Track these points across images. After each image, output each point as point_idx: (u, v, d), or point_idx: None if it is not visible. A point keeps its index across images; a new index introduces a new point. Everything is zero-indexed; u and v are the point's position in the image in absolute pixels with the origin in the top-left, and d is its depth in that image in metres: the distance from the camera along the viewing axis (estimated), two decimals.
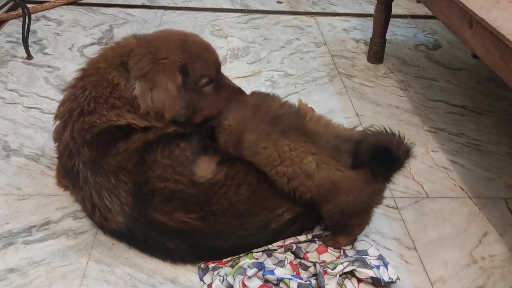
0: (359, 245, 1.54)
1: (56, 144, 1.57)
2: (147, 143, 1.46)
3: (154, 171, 1.43)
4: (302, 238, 1.54)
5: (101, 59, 1.55)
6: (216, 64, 1.59)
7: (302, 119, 1.46)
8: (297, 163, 1.39)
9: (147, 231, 1.44)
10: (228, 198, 1.44)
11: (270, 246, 1.50)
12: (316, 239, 1.56)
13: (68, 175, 1.57)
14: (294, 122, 1.44)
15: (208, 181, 1.45)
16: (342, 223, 1.49)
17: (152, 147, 1.46)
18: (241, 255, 1.49)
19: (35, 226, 1.60)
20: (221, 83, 1.61)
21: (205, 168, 1.48)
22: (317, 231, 1.57)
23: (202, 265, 1.47)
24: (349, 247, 1.54)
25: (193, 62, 1.51)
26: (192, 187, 1.43)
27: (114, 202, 1.43)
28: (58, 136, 1.54)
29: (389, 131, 1.35)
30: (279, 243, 1.51)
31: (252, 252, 1.49)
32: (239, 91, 1.63)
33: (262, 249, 1.50)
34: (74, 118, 1.48)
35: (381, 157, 1.34)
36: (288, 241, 1.52)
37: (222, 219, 1.43)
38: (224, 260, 1.49)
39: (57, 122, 1.56)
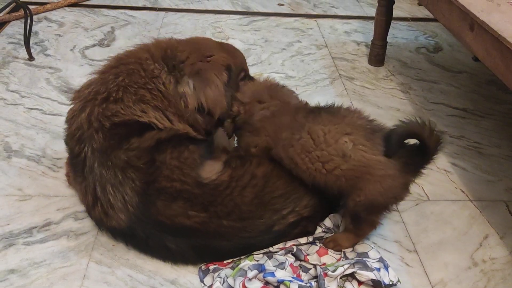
0: (360, 247, 1.54)
1: (67, 125, 1.53)
2: (159, 142, 1.45)
3: (162, 172, 1.43)
4: (303, 240, 1.54)
5: (142, 50, 1.53)
6: (245, 62, 1.69)
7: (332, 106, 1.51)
8: (333, 144, 1.38)
9: (149, 231, 1.43)
10: (232, 199, 1.44)
11: (271, 249, 1.50)
12: (317, 241, 1.56)
13: (72, 161, 1.53)
14: (324, 108, 1.49)
15: (212, 182, 1.46)
16: (361, 218, 1.46)
17: (163, 146, 1.45)
18: (242, 257, 1.49)
19: (35, 227, 1.60)
20: (250, 77, 1.69)
21: (210, 170, 1.49)
22: (318, 234, 1.57)
23: (203, 267, 1.47)
24: (350, 249, 1.54)
25: (233, 59, 1.58)
26: (198, 188, 1.44)
27: (117, 199, 1.41)
28: (72, 117, 1.49)
29: (419, 120, 1.35)
30: (280, 245, 1.51)
31: (252, 254, 1.49)
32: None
33: (263, 251, 1.50)
34: (98, 101, 1.44)
35: (413, 146, 1.37)
36: (289, 243, 1.52)
37: (225, 222, 1.43)
38: (225, 262, 1.49)
39: (75, 104, 1.51)
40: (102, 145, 1.42)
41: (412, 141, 1.41)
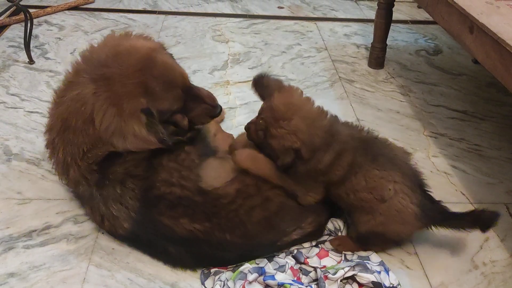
0: (361, 251, 1.54)
1: (63, 177, 1.56)
2: (154, 150, 1.46)
3: (159, 175, 1.44)
4: (306, 244, 1.55)
5: (73, 112, 1.45)
6: (184, 91, 1.50)
7: (384, 142, 1.52)
8: (379, 189, 1.43)
9: (151, 236, 1.45)
10: (238, 216, 1.43)
11: None
12: (319, 244, 1.56)
13: (76, 196, 1.62)
14: (380, 146, 1.50)
15: (215, 191, 1.45)
16: (369, 241, 1.52)
17: (158, 152, 1.47)
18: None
19: (35, 230, 1.60)
20: (191, 104, 1.54)
21: (213, 175, 1.49)
22: (321, 238, 1.57)
23: (205, 270, 1.47)
24: (350, 252, 1.54)
25: (159, 104, 1.44)
26: (199, 195, 1.44)
27: (120, 210, 1.45)
28: (63, 172, 1.54)
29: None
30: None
31: (253, 260, 1.49)
32: (211, 106, 1.58)
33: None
34: (78, 159, 1.47)
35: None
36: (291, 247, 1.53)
37: (228, 236, 1.43)
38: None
39: (59, 164, 1.53)
40: (97, 177, 1.47)
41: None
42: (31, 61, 2.54)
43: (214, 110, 1.59)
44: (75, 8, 3.22)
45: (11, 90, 2.32)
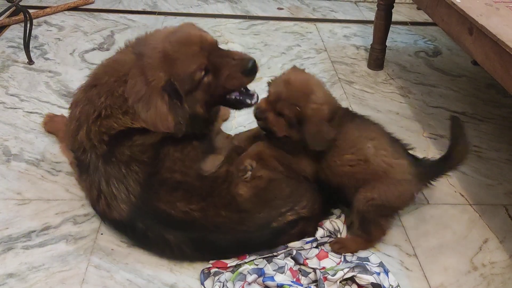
0: (361, 252, 1.54)
1: (71, 141, 1.59)
2: (163, 138, 1.51)
3: (164, 163, 1.49)
4: (307, 246, 1.54)
5: (110, 71, 1.58)
6: (203, 51, 1.50)
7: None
8: (359, 148, 1.47)
9: (149, 222, 1.45)
10: (229, 192, 1.48)
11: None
12: (320, 246, 1.56)
13: (77, 164, 1.59)
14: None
15: (212, 175, 1.51)
16: (370, 220, 1.50)
17: (167, 141, 1.51)
18: (242, 261, 1.48)
19: (34, 231, 1.60)
20: (219, 66, 1.51)
21: (211, 164, 1.55)
22: (323, 239, 1.57)
23: (205, 270, 1.47)
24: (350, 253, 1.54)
25: (175, 69, 1.48)
26: (198, 180, 1.49)
27: (121, 190, 1.46)
28: (73, 136, 1.56)
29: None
30: (282, 247, 1.52)
31: (253, 260, 1.49)
32: (241, 62, 1.53)
33: (263, 256, 1.50)
34: (90, 120, 1.52)
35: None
36: (291, 245, 1.53)
37: (223, 212, 1.45)
38: (225, 261, 1.48)
39: (70, 124, 1.58)
40: (105, 150, 1.50)
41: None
42: (30, 62, 2.54)
43: (245, 63, 1.52)
44: (75, 8, 3.22)
45: (11, 91, 2.32)
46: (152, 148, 1.50)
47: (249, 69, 1.52)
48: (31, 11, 2.68)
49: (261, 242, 1.49)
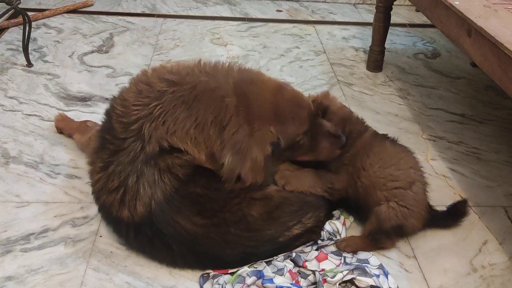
0: (361, 254, 1.54)
1: (122, 108, 1.50)
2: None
3: (194, 179, 1.46)
4: (307, 249, 1.55)
5: (209, 101, 1.47)
6: (309, 117, 1.55)
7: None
8: (406, 171, 1.58)
9: (159, 230, 1.43)
10: (241, 209, 1.46)
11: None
12: (320, 248, 1.55)
13: (106, 137, 1.51)
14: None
15: (226, 188, 1.48)
16: (385, 232, 1.55)
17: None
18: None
19: (33, 233, 1.59)
20: (317, 132, 1.57)
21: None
22: (323, 242, 1.57)
23: (204, 274, 1.47)
24: (350, 255, 1.54)
25: (286, 128, 1.50)
26: (215, 191, 1.47)
27: (146, 193, 1.43)
28: (138, 107, 1.48)
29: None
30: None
31: (252, 264, 1.49)
32: (336, 137, 1.58)
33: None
34: (160, 124, 1.46)
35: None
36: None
37: (232, 229, 1.44)
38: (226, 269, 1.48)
39: (147, 99, 1.48)
40: (155, 151, 1.45)
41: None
42: (29, 64, 2.54)
43: (339, 142, 1.57)
44: (74, 11, 3.22)
45: (9, 93, 2.32)
46: (191, 167, 1.46)
47: (342, 145, 1.59)
48: (30, 13, 2.68)
49: (264, 256, 1.49)
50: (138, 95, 1.50)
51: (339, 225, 1.61)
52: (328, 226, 1.60)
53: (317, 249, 1.55)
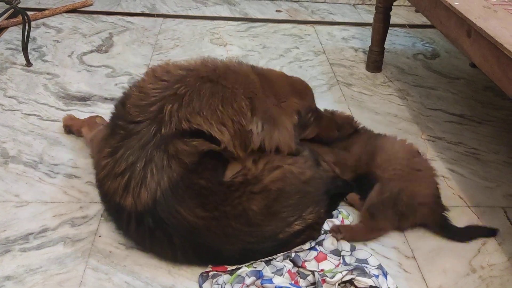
0: (360, 254, 1.54)
1: (137, 90, 1.53)
2: (211, 150, 1.49)
3: (198, 169, 1.46)
4: (306, 246, 1.54)
5: (233, 79, 1.55)
6: (313, 99, 1.79)
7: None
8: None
9: (161, 221, 1.42)
10: (241, 203, 1.46)
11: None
12: (317, 246, 1.55)
13: (118, 123, 1.52)
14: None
15: (227, 182, 1.50)
16: (383, 209, 1.60)
17: (212, 154, 1.49)
18: (241, 265, 1.48)
19: (32, 233, 1.59)
20: (318, 113, 1.81)
21: (230, 172, 1.54)
22: (319, 238, 1.57)
23: (204, 273, 1.47)
24: (349, 253, 1.54)
25: (303, 102, 1.70)
26: (218, 185, 1.48)
27: (154, 180, 1.41)
28: (158, 91, 1.50)
29: None
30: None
31: (251, 263, 1.49)
32: (334, 121, 1.84)
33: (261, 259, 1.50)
34: (188, 107, 1.48)
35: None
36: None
37: (233, 223, 1.44)
38: (225, 266, 1.48)
39: (167, 83, 1.52)
40: (168, 133, 1.45)
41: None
42: (28, 64, 2.54)
43: (335, 123, 1.84)
44: (73, 10, 3.22)
45: (9, 93, 2.32)
46: (198, 155, 1.46)
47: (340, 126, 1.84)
48: (29, 13, 2.67)
49: (265, 253, 1.49)
50: (157, 79, 1.53)
51: (338, 223, 1.61)
52: (325, 225, 1.60)
53: (314, 247, 1.54)
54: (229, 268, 1.47)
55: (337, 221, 1.62)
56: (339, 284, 1.42)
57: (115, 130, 1.50)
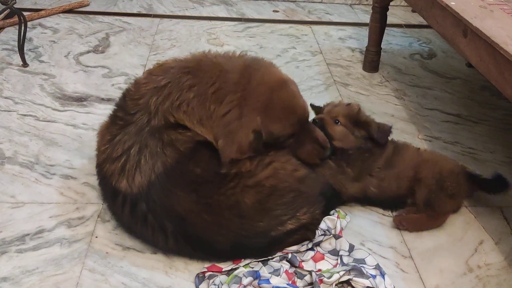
0: (357, 254, 1.54)
1: (132, 84, 1.62)
2: (207, 140, 1.53)
3: (194, 157, 1.50)
4: (303, 248, 1.54)
5: (214, 75, 1.54)
6: (298, 122, 1.58)
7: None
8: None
9: (154, 205, 1.45)
10: (235, 194, 1.47)
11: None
12: (315, 246, 1.55)
13: (117, 114, 1.58)
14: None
15: (223, 172, 1.51)
16: (435, 197, 1.66)
17: (209, 143, 1.53)
18: (237, 265, 1.48)
19: (28, 234, 1.58)
20: (305, 136, 1.61)
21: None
22: (317, 238, 1.56)
23: (200, 274, 1.46)
24: (346, 254, 1.54)
25: (270, 125, 1.53)
26: (214, 174, 1.49)
27: (147, 164, 1.46)
28: (147, 85, 1.56)
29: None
30: (278, 253, 1.51)
31: (248, 263, 1.49)
32: (321, 147, 1.63)
33: (258, 260, 1.49)
34: (171, 101, 1.51)
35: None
36: (287, 249, 1.52)
37: (226, 213, 1.45)
38: (220, 265, 1.48)
39: (159, 77, 1.56)
40: (160, 124, 1.50)
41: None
42: (25, 64, 2.53)
43: (323, 152, 1.63)
44: (70, 11, 3.21)
45: (5, 93, 2.31)
46: (194, 143, 1.51)
47: (324, 157, 1.66)
48: (25, 13, 2.67)
49: (256, 249, 1.49)
50: (151, 74, 1.60)
51: (337, 222, 1.61)
52: (322, 224, 1.59)
53: (311, 248, 1.54)
54: (225, 268, 1.47)
55: (334, 219, 1.62)
56: (336, 285, 1.42)
57: (115, 121, 1.56)
